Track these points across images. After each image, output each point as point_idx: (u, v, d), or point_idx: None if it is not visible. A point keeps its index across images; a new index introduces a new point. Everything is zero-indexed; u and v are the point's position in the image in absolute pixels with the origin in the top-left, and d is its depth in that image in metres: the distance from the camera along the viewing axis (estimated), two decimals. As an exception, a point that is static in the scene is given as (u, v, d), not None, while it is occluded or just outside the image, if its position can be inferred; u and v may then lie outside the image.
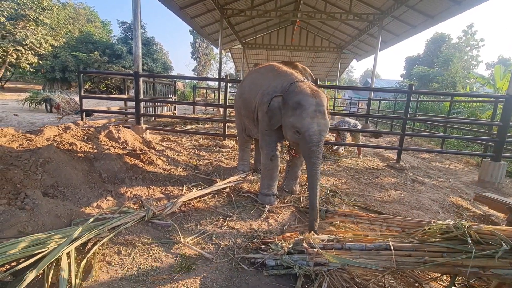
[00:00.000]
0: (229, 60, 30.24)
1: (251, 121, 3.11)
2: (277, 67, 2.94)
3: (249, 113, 3.08)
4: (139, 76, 5.23)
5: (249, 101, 3.03)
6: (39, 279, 1.52)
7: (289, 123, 2.37)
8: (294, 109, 2.32)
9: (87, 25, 27.22)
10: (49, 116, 8.46)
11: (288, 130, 2.43)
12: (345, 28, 13.64)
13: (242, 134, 3.59)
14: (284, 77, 2.70)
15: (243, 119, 3.37)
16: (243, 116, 3.32)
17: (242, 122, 3.45)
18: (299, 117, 2.29)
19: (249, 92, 3.07)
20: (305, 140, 2.27)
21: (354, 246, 1.73)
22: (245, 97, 3.14)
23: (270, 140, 2.75)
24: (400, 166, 4.84)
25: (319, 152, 2.26)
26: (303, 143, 2.31)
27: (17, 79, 25.00)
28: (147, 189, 2.87)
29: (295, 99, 2.34)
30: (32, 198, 2.01)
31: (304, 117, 2.26)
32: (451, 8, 7.53)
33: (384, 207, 3.05)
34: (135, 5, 5.06)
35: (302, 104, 2.29)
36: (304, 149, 2.32)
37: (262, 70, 3.11)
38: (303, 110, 2.28)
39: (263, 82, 2.86)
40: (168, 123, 8.06)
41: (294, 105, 2.33)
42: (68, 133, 3.50)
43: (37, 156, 2.48)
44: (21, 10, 13.56)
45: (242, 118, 3.40)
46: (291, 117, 2.34)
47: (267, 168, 2.79)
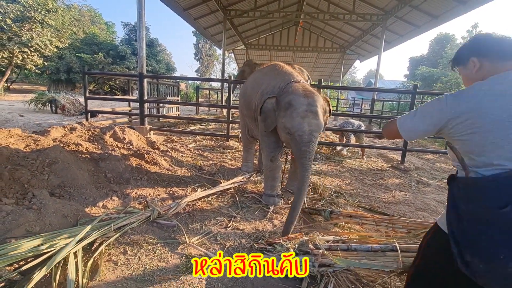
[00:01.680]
0: (232, 61, 30.31)
1: (253, 121, 3.10)
2: (279, 67, 2.92)
3: (250, 112, 3.07)
4: (144, 77, 5.26)
5: (250, 101, 3.03)
6: (46, 278, 1.54)
7: (281, 124, 2.34)
8: (285, 109, 2.29)
9: (91, 27, 27.44)
10: (54, 117, 8.54)
11: (281, 131, 2.40)
12: (348, 29, 13.61)
13: (246, 135, 3.59)
14: (282, 77, 2.68)
15: (246, 119, 3.37)
16: (245, 116, 3.31)
17: (245, 122, 3.45)
18: (289, 117, 2.24)
19: (250, 91, 3.07)
20: (295, 140, 2.22)
21: (360, 247, 1.72)
22: (246, 96, 3.14)
23: (269, 141, 2.74)
24: (404, 167, 4.82)
25: (310, 153, 2.19)
26: (293, 144, 2.26)
27: (23, 80, 25.26)
28: (152, 189, 2.88)
29: (286, 99, 2.31)
30: (39, 198, 2.03)
31: (294, 117, 2.22)
32: (456, 8, 7.49)
33: (389, 208, 3.04)
34: (139, 7, 5.10)
35: (293, 104, 2.25)
36: (294, 149, 2.28)
37: (265, 70, 3.11)
38: (293, 110, 2.24)
39: (263, 82, 2.86)
40: (172, 123, 8.10)
41: (285, 105, 2.30)
42: (74, 133, 3.53)
43: (44, 157, 2.50)
44: (27, 12, 13.69)
45: (245, 119, 3.39)
46: (283, 117, 2.30)
47: (269, 169, 2.79)
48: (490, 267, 0.83)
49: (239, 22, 13.48)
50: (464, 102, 0.92)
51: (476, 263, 0.85)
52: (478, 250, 0.85)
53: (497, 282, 0.83)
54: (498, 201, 0.81)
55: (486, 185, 0.86)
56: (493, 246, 0.82)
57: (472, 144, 0.90)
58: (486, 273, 0.83)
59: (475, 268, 0.85)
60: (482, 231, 0.85)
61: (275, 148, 2.74)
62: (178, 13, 9.63)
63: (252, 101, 2.97)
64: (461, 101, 0.93)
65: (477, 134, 0.88)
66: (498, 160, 0.85)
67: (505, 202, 0.80)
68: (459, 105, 0.93)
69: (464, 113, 0.91)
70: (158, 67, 23.34)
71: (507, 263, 0.79)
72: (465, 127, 0.90)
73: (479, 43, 1.03)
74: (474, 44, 1.04)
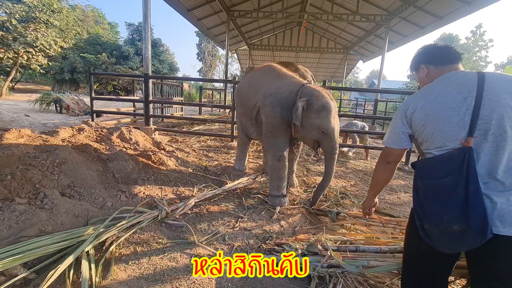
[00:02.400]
0: (235, 61, 30.34)
1: (249, 120, 3.19)
2: (277, 68, 3.05)
3: (246, 110, 3.17)
4: (149, 77, 5.30)
5: (246, 98, 3.14)
6: (59, 277, 1.57)
7: (313, 124, 2.54)
8: (319, 111, 2.51)
9: (95, 27, 27.60)
10: (59, 117, 8.62)
11: (311, 130, 2.59)
12: (351, 29, 13.59)
13: (241, 134, 3.66)
14: (287, 79, 2.86)
15: (241, 118, 3.44)
16: (240, 115, 3.41)
17: (241, 121, 3.52)
18: (325, 119, 2.49)
19: (247, 89, 3.18)
20: (330, 139, 2.53)
21: (368, 249, 1.74)
22: (243, 94, 3.24)
23: (277, 141, 2.81)
24: (409, 168, 4.81)
25: (338, 147, 2.61)
26: (327, 142, 2.55)
27: (27, 80, 25.47)
28: (159, 189, 2.91)
29: (319, 102, 2.52)
30: (51, 198, 2.06)
31: (329, 119, 2.50)
32: (460, 8, 7.46)
33: (394, 210, 3.04)
34: (145, 8, 5.14)
35: (327, 107, 2.51)
36: (327, 146, 2.57)
37: (262, 70, 3.22)
38: (328, 112, 2.50)
39: (263, 82, 2.96)
40: (176, 124, 8.13)
41: (319, 108, 2.51)
42: (82, 134, 3.57)
43: (53, 157, 2.54)
44: (32, 13, 13.81)
45: (240, 117, 3.48)
46: (316, 119, 2.51)
47: (275, 169, 2.83)
48: (439, 230, 1.01)
49: (242, 22, 13.50)
50: (416, 102, 1.13)
51: (431, 229, 1.04)
52: (430, 217, 1.04)
53: (445, 241, 1.01)
54: (441, 173, 1.02)
55: (434, 162, 1.08)
56: (439, 210, 1.01)
57: (426, 133, 1.10)
58: (438, 236, 1.02)
59: (431, 234, 1.04)
60: (431, 200, 1.04)
61: (283, 147, 2.81)
62: (182, 13, 9.67)
63: (249, 99, 3.07)
64: (414, 102, 1.13)
65: (428, 124, 1.08)
66: (445, 142, 1.04)
67: (446, 174, 1.00)
68: (413, 105, 1.13)
69: (417, 111, 1.11)
70: (161, 67, 23.41)
71: (450, 223, 0.97)
72: (420, 120, 1.10)
73: (426, 52, 1.24)
74: (423, 53, 1.25)
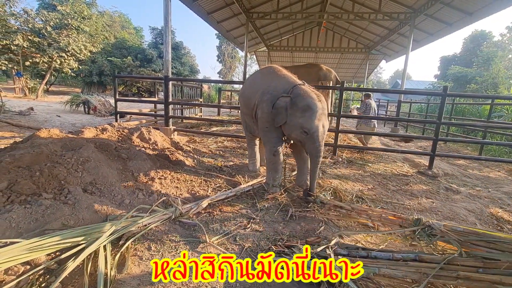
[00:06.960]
0: (254, 62, 30.53)
1: (251, 119, 3.36)
2: (277, 69, 3.22)
3: (248, 110, 3.32)
4: (169, 80, 5.47)
5: (248, 99, 3.28)
6: (79, 268, 1.67)
7: (297, 123, 2.61)
8: (303, 111, 2.57)
9: (121, 32, 28.96)
10: (86, 117, 9.13)
11: (294, 129, 2.67)
12: (373, 28, 13.21)
13: (246, 132, 3.77)
14: (284, 79, 2.99)
15: (245, 117, 3.57)
16: (244, 114, 3.54)
17: (245, 120, 3.63)
18: (308, 119, 2.55)
19: (249, 90, 3.33)
20: (312, 139, 2.57)
21: (380, 255, 1.68)
22: (245, 96, 3.38)
23: (272, 136, 2.98)
24: (432, 173, 4.58)
25: (322, 149, 2.63)
26: (310, 142, 2.60)
27: (60, 82, 27.28)
28: (175, 188, 3.00)
29: (304, 102, 2.59)
30: (74, 194, 2.20)
31: (313, 119, 2.54)
32: (492, 3, 7.01)
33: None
34: (166, 12, 5.33)
35: (311, 107, 2.56)
36: (310, 147, 2.62)
37: (263, 71, 3.40)
38: (312, 112, 2.55)
39: (263, 82, 3.13)
40: (194, 124, 8.32)
41: (303, 107, 2.57)
42: (104, 134, 3.76)
43: (78, 155, 2.70)
44: (64, 20, 14.82)
45: (244, 117, 3.60)
46: (300, 118, 2.58)
47: (272, 162, 3.05)
48: None
49: (262, 24, 13.57)
50: None
51: None
52: None
53: None
54: None
55: None
56: None
57: None
58: None
59: None
60: None
61: (277, 143, 2.99)
62: (202, 17, 9.90)
63: (251, 99, 3.22)
64: None
65: None
66: None
67: None
68: None
69: None
70: (183, 69, 24.11)
71: None
72: None
73: None
74: None
